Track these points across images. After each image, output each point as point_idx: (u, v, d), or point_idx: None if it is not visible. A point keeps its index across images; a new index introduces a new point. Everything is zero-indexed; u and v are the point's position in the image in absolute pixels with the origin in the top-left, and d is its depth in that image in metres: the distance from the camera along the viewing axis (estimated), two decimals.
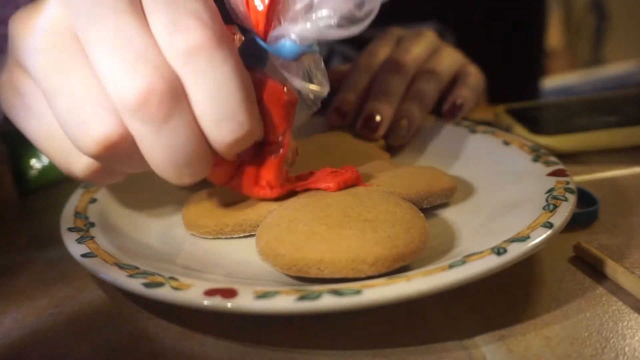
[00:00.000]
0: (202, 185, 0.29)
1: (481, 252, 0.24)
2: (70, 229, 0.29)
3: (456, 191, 0.32)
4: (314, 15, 0.25)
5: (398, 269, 0.24)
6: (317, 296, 0.22)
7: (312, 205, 0.27)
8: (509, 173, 0.33)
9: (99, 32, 0.22)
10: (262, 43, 0.26)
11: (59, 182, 0.42)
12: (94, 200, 0.33)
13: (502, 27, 0.65)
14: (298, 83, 0.27)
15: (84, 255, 0.26)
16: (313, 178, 0.29)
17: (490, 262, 0.23)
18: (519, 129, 0.42)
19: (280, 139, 0.27)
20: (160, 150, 0.23)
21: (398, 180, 0.30)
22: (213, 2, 0.24)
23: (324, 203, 0.28)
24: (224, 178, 0.27)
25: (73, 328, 0.26)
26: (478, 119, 0.43)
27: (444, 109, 0.42)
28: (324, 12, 0.24)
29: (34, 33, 0.24)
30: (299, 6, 0.25)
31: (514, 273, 0.27)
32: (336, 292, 0.22)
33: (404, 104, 0.41)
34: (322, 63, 0.27)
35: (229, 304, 0.22)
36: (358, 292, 0.22)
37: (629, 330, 0.23)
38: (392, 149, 0.40)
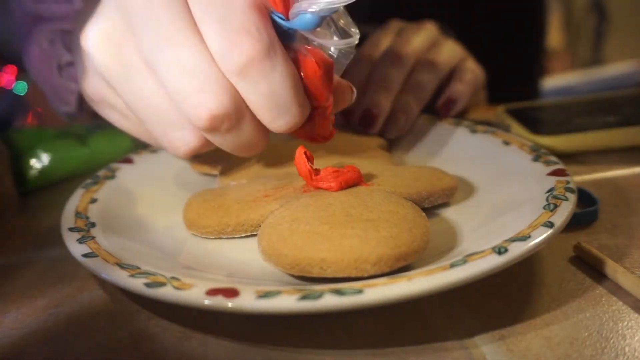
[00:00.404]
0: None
1: (482, 252, 0.24)
2: (71, 229, 0.29)
3: (457, 191, 0.32)
4: None
5: (400, 268, 0.24)
6: (318, 296, 0.22)
7: (313, 205, 0.27)
8: (509, 173, 0.33)
9: (167, 64, 0.26)
10: (283, 21, 0.27)
11: (59, 182, 0.42)
12: (94, 200, 0.33)
13: (502, 27, 0.65)
14: (329, 42, 0.29)
15: (85, 256, 0.26)
16: (315, 177, 0.30)
17: (492, 262, 0.23)
18: (519, 129, 0.42)
19: (325, 104, 0.29)
20: (231, 147, 0.29)
21: (399, 180, 0.30)
22: (261, 10, 0.26)
23: (325, 203, 0.28)
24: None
25: (73, 328, 0.26)
26: (478, 119, 0.43)
27: (438, 105, 0.42)
28: None
29: (111, 59, 0.28)
30: None
31: (514, 273, 0.27)
32: (338, 292, 0.22)
33: (401, 95, 0.41)
34: (346, 13, 0.29)
35: (230, 304, 0.22)
36: (360, 291, 0.22)
37: (629, 330, 0.23)
38: (391, 146, 0.40)
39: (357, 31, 0.29)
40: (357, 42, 0.29)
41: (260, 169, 0.34)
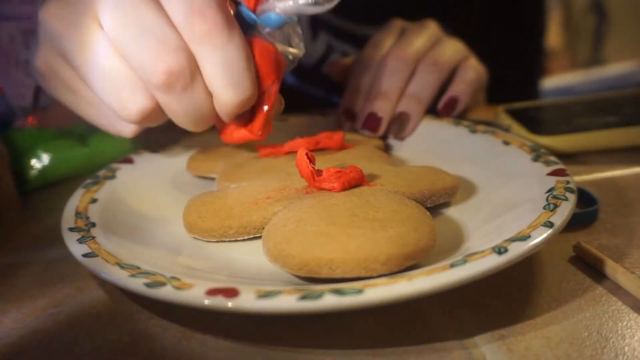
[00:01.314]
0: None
1: (482, 252, 0.24)
2: (71, 229, 0.29)
3: (458, 190, 0.32)
4: None
5: (406, 267, 0.24)
6: (318, 295, 0.22)
7: (318, 206, 0.27)
8: (509, 173, 0.33)
9: (124, 25, 0.28)
10: (251, 14, 0.31)
11: (59, 182, 0.42)
12: (94, 200, 0.33)
13: (502, 27, 0.65)
14: (280, 47, 0.32)
15: (85, 255, 0.26)
16: (318, 178, 0.30)
17: (492, 262, 0.23)
18: (519, 129, 0.42)
19: (269, 89, 0.32)
20: (181, 112, 0.30)
21: (401, 180, 0.30)
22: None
23: (329, 203, 0.28)
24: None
25: (73, 328, 0.26)
26: (478, 119, 0.43)
27: (440, 105, 0.42)
28: None
29: (69, 27, 0.29)
30: None
31: (514, 273, 0.27)
32: (338, 292, 0.22)
33: (404, 97, 0.41)
34: (299, 28, 0.33)
35: (230, 304, 0.22)
36: (360, 291, 0.22)
37: (629, 330, 0.23)
38: (391, 148, 0.40)
39: (304, 49, 0.33)
40: (301, 56, 0.33)
41: (259, 170, 0.34)
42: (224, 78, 0.29)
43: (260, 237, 0.28)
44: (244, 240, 0.30)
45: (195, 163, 0.37)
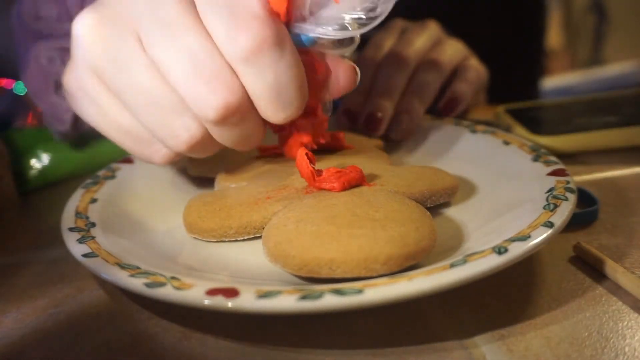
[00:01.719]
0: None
1: (482, 252, 0.24)
2: (71, 229, 0.29)
3: (458, 190, 0.32)
4: (325, 15, 0.27)
5: (406, 267, 0.24)
6: (318, 295, 0.22)
7: (318, 206, 0.27)
8: (509, 173, 0.33)
9: (171, 54, 0.25)
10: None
11: (59, 182, 0.42)
12: (94, 200, 0.33)
13: (502, 27, 0.65)
14: (329, 51, 0.29)
15: (85, 255, 0.26)
16: (318, 178, 0.30)
17: (492, 262, 0.23)
18: (519, 129, 0.42)
19: (317, 105, 0.31)
20: (232, 140, 0.28)
21: (401, 180, 0.30)
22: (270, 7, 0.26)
23: (330, 203, 0.27)
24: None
25: (73, 328, 0.26)
26: (478, 119, 0.43)
27: (441, 105, 0.42)
28: (334, 16, 0.26)
29: (109, 48, 0.26)
30: (309, 7, 0.27)
31: (514, 273, 0.27)
32: (338, 292, 0.22)
33: (405, 97, 0.41)
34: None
35: (230, 304, 0.22)
36: (360, 291, 0.22)
37: (629, 330, 0.23)
38: (391, 147, 0.40)
39: (359, 36, 0.29)
40: (356, 46, 0.29)
41: (259, 170, 0.34)
42: (275, 101, 0.26)
43: (260, 237, 0.28)
44: (244, 240, 0.30)
45: (195, 163, 0.37)
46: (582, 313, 0.24)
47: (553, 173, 0.31)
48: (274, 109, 0.27)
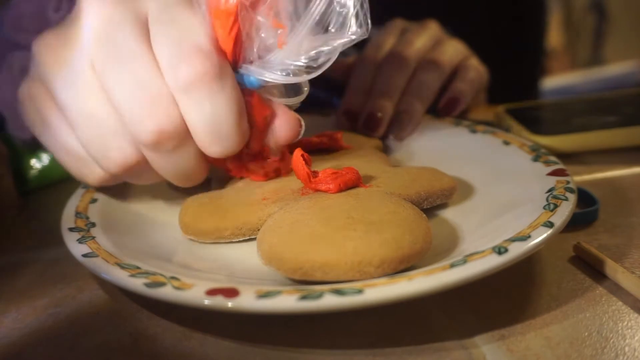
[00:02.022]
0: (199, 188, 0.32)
1: (482, 252, 0.24)
2: (71, 229, 0.29)
3: (456, 191, 0.32)
4: (272, 60, 0.27)
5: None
6: (318, 295, 0.22)
7: (313, 208, 0.27)
8: (509, 173, 0.33)
9: (118, 77, 0.26)
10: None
11: (59, 182, 0.42)
12: (94, 200, 0.33)
13: (502, 27, 0.65)
14: (275, 99, 0.30)
15: (85, 255, 0.26)
16: (314, 180, 0.29)
17: (492, 262, 0.23)
18: (519, 129, 0.42)
19: (263, 149, 0.31)
20: (169, 170, 0.29)
21: (397, 181, 0.30)
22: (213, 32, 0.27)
23: (325, 205, 0.27)
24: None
25: (73, 328, 0.26)
26: (478, 119, 0.43)
27: (440, 105, 0.42)
28: (280, 61, 0.27)
29: (62, 66, 0.28)
30: (257, 51, 0.27)
31: (514, 273, 0.27)
32: (338, 292, 0.22)
33: (405, 97, 0.41)
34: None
35: (230, 304, 0.22)
36: (360, 291, 0.22)
37: (629, 330, 0.23)
38: (390, 148, 0.40)
39: (307, 88, 0.30)
40: (304, 98, 0.30)
41: None
42: (211, 134, 0.27)
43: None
44: (244, 240, 0.30)
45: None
46: (582, 313, 0.24)
47: (553, 173, 0.31)
48: (210, 141, 0.27)
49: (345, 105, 0.42)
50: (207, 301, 0.22)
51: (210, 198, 0.31)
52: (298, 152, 0.29)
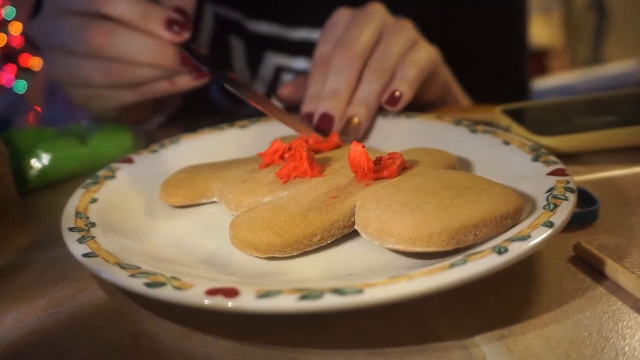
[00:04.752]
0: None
1: (482, 251, 0.24)
2: (71, 229, 0.29)
3: (456, 166, 0.34)
4: None
5: (435, 255, 0.26)
6: (318, 295, 0.22)
7: (403, 191, 0.28)
8: (509, 173, 0.33)
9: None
10: None
11: (59, 182, 0.42)
12: (94, 200, 0.33)
13: (483, 29, 0.64)
14: None
15: (85, 255, 0.26)
16: (376, 167, 0.31)
17: (492, 261, 0.23)
18: (519, 130, 0.42)
19: None
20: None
21: (425, 160, 0.33)
22: None
23: (409, 186, 0.29)
24: None
25: (73, 328, 0.26)
26: (478, 119, 0.43)
27: (384, 100, 0.42)
28: None
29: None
30: None
31: (514, 273, 0.27)
32: (338, 292, 0.22)
33: (352, 105, 0.41)
34: None
35: (230, 304, 0.22)
36: (360, 291, 0.22)
37: (629, 330, 0.23)
38: (391, 148, 0.40)
39: None
40: None
41: (272, 181, 0.33)
42: None
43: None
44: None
45: (181, 190, 0.35)
46: (582, 313, 0.24)
47: (553, 173, 0.31)
48: None
49: (305, 109, 0.42)
50: (207, 301, 0.22)
51: (269, 212, 0.29)
52: (358, 146, 0.30)
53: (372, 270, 0.27)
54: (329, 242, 0.29)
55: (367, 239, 0.28)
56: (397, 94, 0.42)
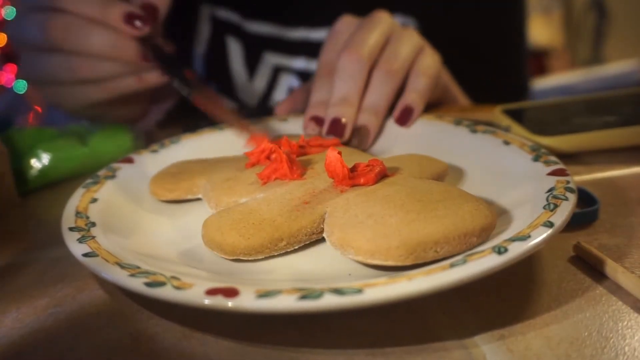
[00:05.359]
0: None
1: (482, 251, 0.24)
2: (71, 229, 0.29)
3: (448, 174, 0.34)
4: None
5: (398, 268, 0.25)
6: (318, 295, 0.22)
7: (374, 200, 0.28)
8: (509, 173, 0.33)
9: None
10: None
11: (59, 182, 0.42)
12: (94, 200, 0.33)
13: (483, 30, 0.64)
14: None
15: (85, 255, 0.26)
16: (352, 174, 0.30)
17: (492, 261, 0.23)
18: (519, 130, 0.42)
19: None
20: None
21: (408, 168, 0.32)
22: None
23: (380, 196, 0.28)
24: None
25: (73, 328, 0.26)
26: (478, 119, 0.43)
27: (395, 116, 0.41)
28: None
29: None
30: None
31: (514, 273, 0.27)
32: (337, 292, 0.22)
33: (362, 112, 0.41)
34: None
35: (230, 304, 0.22)
36: (359, 291, 0.22)
37: (629, 330, 0.23)
38: (390, 148, 0.40)
39: None
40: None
41: (248, 182, 0.33)
42: None
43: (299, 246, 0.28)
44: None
45: (168, 185, 0.35)
46: (582, 313, 0.24)
47: (553, 173, 0.31)
48: None
49: (311, 112, 0.41)
50: (207, 301, 0.22)
51: (240, 213, 0.29)
52: (334, 151, 0.30)
53: (372, 270, 0.27)
54: (296, 247, 0.28)
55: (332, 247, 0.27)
56: (409, 107, 0.41)
